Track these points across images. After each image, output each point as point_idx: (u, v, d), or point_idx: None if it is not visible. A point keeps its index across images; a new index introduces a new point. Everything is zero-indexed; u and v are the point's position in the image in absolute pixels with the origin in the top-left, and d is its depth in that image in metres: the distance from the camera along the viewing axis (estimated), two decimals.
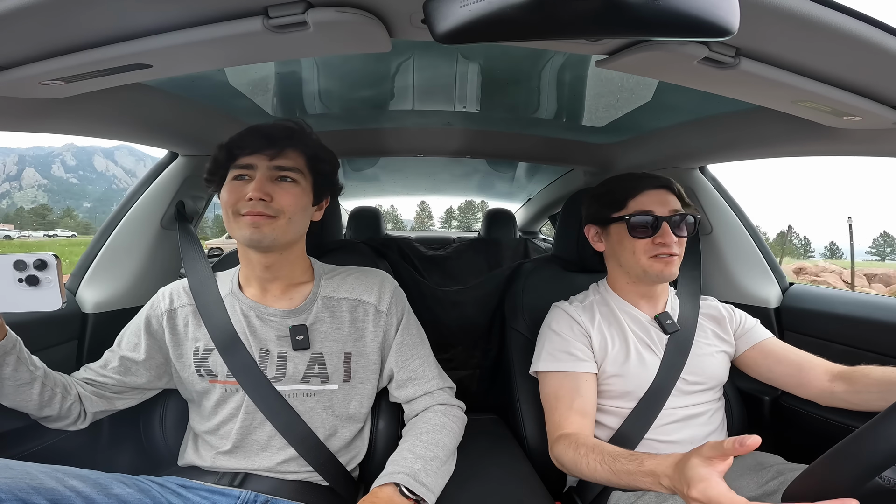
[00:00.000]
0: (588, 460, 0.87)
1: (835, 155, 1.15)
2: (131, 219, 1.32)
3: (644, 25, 0.45)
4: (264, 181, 0.90)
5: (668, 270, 1.04)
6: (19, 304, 0.69)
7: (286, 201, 0.91)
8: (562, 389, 1.04)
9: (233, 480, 0.94)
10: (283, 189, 0.91)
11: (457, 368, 1.94)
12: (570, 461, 0.91)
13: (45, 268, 0.70)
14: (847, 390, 0.99)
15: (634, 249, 1.06)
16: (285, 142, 0.93)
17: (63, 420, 0.92)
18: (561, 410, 1.02)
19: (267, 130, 0.94)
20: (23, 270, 0.69)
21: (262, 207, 0.89)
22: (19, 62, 0.68)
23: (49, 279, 0.70)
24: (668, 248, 1.03)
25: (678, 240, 1.05)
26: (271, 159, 0.91)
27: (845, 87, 0.74)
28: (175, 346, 1.00)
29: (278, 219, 0.90)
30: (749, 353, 1.12)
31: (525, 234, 3.52)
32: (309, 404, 0.97)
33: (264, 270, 0.98)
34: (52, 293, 0.70)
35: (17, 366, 0.82)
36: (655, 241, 1.04)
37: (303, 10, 0.57)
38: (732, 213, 1.54)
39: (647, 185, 1.08)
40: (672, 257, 1.04)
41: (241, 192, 0.90)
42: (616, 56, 0.69)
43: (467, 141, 1.80)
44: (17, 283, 0.69)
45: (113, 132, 1.16)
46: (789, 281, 1.50)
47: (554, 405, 1.04)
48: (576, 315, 1.11)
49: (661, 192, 1.07)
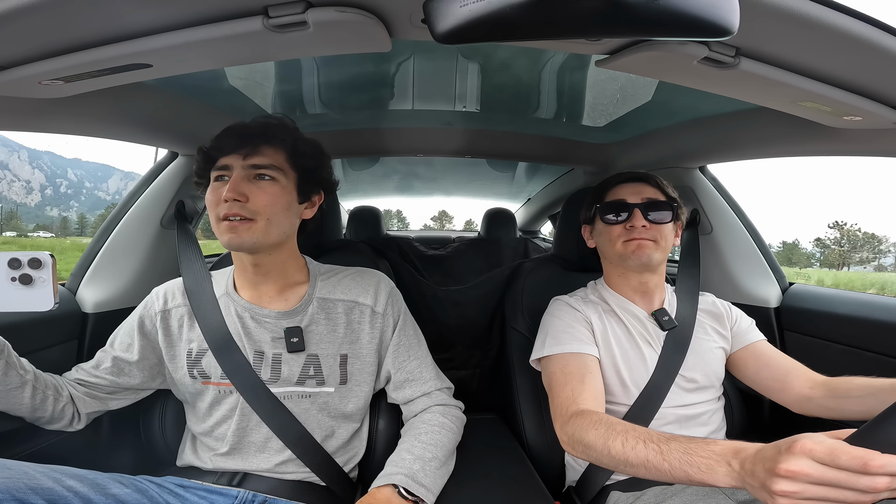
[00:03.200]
0: (626, 438, 0.76)
1: (835, 155, 1.14)
2: (131, 218, 1.32)
3: (644, 25, 0.45)
4: (239, 181, 0.87)
5: (639, 253, 1.06)
6: (11, 303, 0.68)
7: (262, 201, 0.88)
8: (569, 367, 1.01)
9: (231, 480, 0.94)
10: (259, 188, 0.89)
11: (457, 368, 1.94)
12: (595, 439, 0.80)
13: (40, 266, 0.69)
14: (825, 396, 0.98)
15: (610, 236, 1.11)
16: (259, 139, 0.91)
17: (57, 422, 0.92)
18: (573, 385, 0.96)
19: (241, 129, 0.92)
20: (17, 269, 0.68)
21: (238, 209, 0.86)
22: (19, 62, 0.68)
23: (43, 278, 0.69)
24: (637, 233, 1.06)
25: (651, 226, 1.07)
26: (245, 158, 0.89)
27: (845, 87, 0.74)
28: (168, 347, 0.99)
29: (256, 221, 0.88)
30: (741, 353, 1.12)
31: (525, 233, 3.53)
32: (304, 406, 0.97)
33: (254, 269, 0.97)
34: (46, 293, 0.69)
35: (7, 370, 0.81)
36: (626, 226, 1.08)
37: (303, 10, 0.57)
38: (732, 212, 1.54)
39: (624, 179, 1.14)
40: (644, 241, 1.06)
41: (219, 194, 0.88)
42: (616, 56, 0.69)
43: (467, 140, 1.80)
44: (9, 282, 0.68)
45: (113, 132, 1.16)
46: (789, 281, 1.50)
47: (563, 382, 0.98)
48: (576, 305, 1.13)
49: (636, 184, 1.12)
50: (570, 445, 0.87)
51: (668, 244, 1.09)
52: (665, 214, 1.08)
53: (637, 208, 1.08)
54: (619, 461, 0.76)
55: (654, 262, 1.08)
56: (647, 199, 1.09)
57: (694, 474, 0.66)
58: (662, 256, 1.09)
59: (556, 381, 1.00)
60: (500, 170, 2.81)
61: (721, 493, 0.91)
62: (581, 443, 0.84)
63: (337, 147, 1.77)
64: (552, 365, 1.04)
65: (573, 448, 0.87)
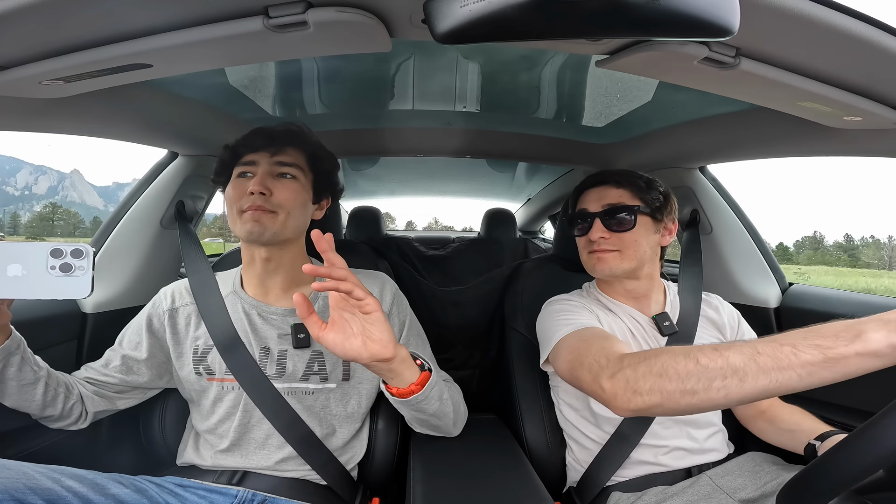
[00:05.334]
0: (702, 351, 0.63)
1: (835, 155, 1.14)
2: (131, 218, 1.32)
3: (644, 25, 0.45)
4: (265, 176, 0.94)
5: (599, 266, 1.05)
6: (50, 290, 0.70)
7: (284, 196, 0.95)
8: (585, 334, 0.91)
9: (231, 479, 0.95)
10: (282, 184, 0.96)
11: (456, 368, 1.94)
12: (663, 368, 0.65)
13: (81, 256, 0.71)
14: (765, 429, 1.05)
15: (579, 247, 1.10)
16: (286, 140, 0.99)
17: (64, 420, 0.93)
18: (598, 343, 0.83)
19: (269, 131, 1.00)
20: (58, 258, 0.70)
21: (262, 201, 0.92)
22: (19, 62, 0.68)
23: (82, 267, 0.71)
24: (597, 245, 1.04)
25: (612, 234, 1.04)
26: (272, 155, 0.97)
27: (846, 88, 0.74)
28: (175, 345, 1.00)
29: (277, 214, 0.94)
30: None
31: (525, 234, 3.52)
32: (307, 402, 0.98)
33: (264, 264, 0.99)
34: (84, 281, 0.71)
35: (22, 366, 0.82)
36: (590, 237, 1.06)
37: (303, 10, 0.57)
38: (732, 213, 1.54)
39: (588, 184, 1.11)
40: (604, 253, 1.04)
41: (243, 188, 0.94)
42: (616, 56, 0.69)
43: (467, 141, 1.80)
44: (48, 271, 0.70)
45: (113, 132, 1.16)
46: (789, 281, 1.50)
47: (586, 347, 0.84)
48: (573, 299, 1.12)
49: (598, 189, 1.08)
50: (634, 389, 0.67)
51: (637, 251, 1.04)
52: (627, 220, 1.03)
53: (597, 217, 1.04)
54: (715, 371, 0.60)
55: (621, 272, 1.05)
56: (607, 205, 1.05)
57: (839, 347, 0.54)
58: (632, 265, 1.05)
59: (579, 351, 0.85)
60: (500, 170, 2.81)
61: (722, 492, 0.91)
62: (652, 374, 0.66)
63: (337, 147, 1.76)
64: (565, 345, 0.92)
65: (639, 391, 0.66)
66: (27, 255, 0.70)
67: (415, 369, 0.85)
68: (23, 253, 0.70)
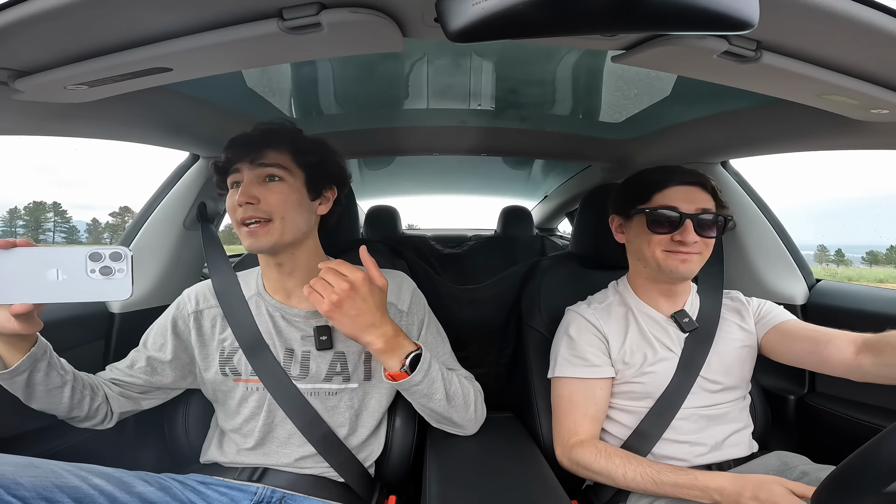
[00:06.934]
0: (626, 471, 0.92)
1: (862, 148, 1.11)
2: (155, 220, 1.36)
3: (660, 20, 0.44)
4: (249, 185, 0.92)
5: (683, 268, 1.01)
6: (90, 294, 0.72)
7: (274, 200, 0.92)
8: (576, 395, 1.05)
9: (252, 475, 0.96)
10: (269, 189, 0.93)
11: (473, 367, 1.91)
12: (600, 468, 0.95)
13: (120, 259, 0.72)
14: (875, 363, 0.90)
15: (650, 242, 1.03)
16: (262, 143, 0.95)
17: (90, 420, 0.94)
18: (575, 416, 1.04)
19: (244, 138, 0.97)
20: (97, 262, 0.71)
21: (252, 211, 0.91)
22: (45, 67, 0.70)
23: (122, 269, 0.72)
24: (687, 247, 1.00)
25: (702, 240, 1.00)
26: (252, 162, 0.94)
27: (872, 80, 0.72)
28: (201, 347, 1.02)
29: (272, 221, 0.92)
30: (768, 336, 1.07)
31: (542, 231, 3.50)
32: (331, 403, 0.99)
33: (278, 269, 1.00)
34: (124, 284, 0.72)
35: (49, 371, 0.83)
36: (675, 237, 1.00)
37: (316, 12, 0.57)
38: (756, 208, 1.51)
39: (676, 181, 1.03)
40: (690, 255, 1.00)
41: (234, 201, 0.93)
42: (632, 51, 0.67)
43: (483, 139, 1.79)
44: (88, 275, 0.71)
45: (136, 135, 1.19)
46: (816, 277, 1.46)
47: (568, 410, 1.05)
48: (592, 318, 1.09)
49: (690, 189, 1.02)
50: (576, 467, 1.00)
51: (709, 254, 1.04)
52: (715, 227, 1.02)
53: (690, 219, 0.99)
54: (621, 486, 0.93)
55: (693, 275, 1.04)
56: (701, 209, 1.00)
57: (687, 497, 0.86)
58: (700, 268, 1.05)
59: (562, 408, 1.07)
60: (516, 167, 2.79)
61: None
62: (586, 467, 0.98)
63: (353, 147, 1.78)
64: (560, 388, 1.08)
65: (578, 470, 1.00)
66: (66, 260, 0.71)
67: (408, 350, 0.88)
68: (61, 258, 0.71)
